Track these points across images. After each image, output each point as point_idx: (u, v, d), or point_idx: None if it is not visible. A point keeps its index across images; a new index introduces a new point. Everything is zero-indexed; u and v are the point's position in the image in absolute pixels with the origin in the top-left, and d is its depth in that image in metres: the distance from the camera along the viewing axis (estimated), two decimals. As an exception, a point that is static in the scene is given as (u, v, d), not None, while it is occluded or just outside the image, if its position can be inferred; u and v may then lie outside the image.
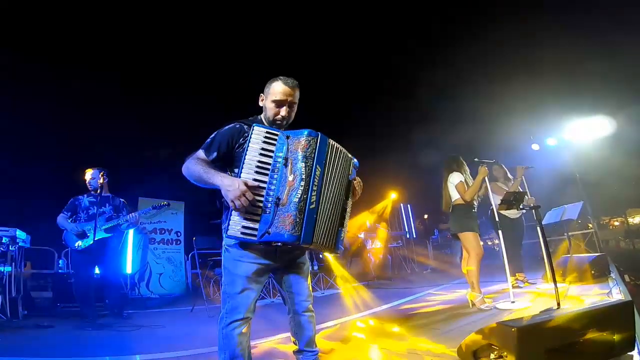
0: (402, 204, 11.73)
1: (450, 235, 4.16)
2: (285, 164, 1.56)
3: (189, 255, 7.06)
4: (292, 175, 1.55)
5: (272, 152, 1.59)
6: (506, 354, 1.60)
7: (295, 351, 1.86)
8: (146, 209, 4.45)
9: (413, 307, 4.04)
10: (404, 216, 11.89)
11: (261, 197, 1.55)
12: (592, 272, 4.16)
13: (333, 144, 1.68)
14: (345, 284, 6.33)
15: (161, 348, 2.81)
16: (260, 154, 1.58)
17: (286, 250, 1.74)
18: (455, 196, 3.79)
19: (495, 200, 3.96)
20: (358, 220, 8.23)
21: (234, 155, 1.72)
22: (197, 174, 1.64)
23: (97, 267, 4.24)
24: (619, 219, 13.21)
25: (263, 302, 5.01)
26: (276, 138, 1.60)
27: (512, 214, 4.61)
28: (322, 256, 6.64)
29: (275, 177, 1.56)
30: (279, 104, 1.78)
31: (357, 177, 1.86)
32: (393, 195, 10.45)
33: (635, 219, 12.53)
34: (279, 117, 1.78)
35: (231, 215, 1.54)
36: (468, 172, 3.94)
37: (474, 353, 1.79)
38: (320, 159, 1.60)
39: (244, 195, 1.48)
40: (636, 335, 1.83)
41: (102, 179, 4.11)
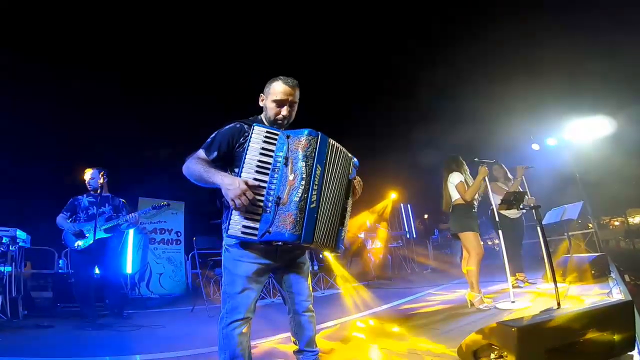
0: (402, 204, 11.73)
1: (451, 235, 4.16)
2: (286, 164, 1.56)
3: (189, 255, 7.05)
4: (293, 174, 1.54)
5: (272, 151, 1.58)
6: (506, 353, 1.60)
7: (296, 351, 1.86)
8: (146, 209, 4.44)
9: (413, 307, 4.04)
10: (404, 216, 11.89)
11: (261, 196, 1.54)
12: (592, 272, 4.16)
13: (333, 144, 1.68)
14: (345, 283, 6.33)
15: (161, 348, 2.81)
16: (261, 153, 1.57)
17: (286, 250, 1.74)
18: (455, 196, 3.79)
19: (495, 200, 3.95)
20: (358, 220, 8.22)
21: (234, 155, 1.72)
22: (197, 173, 1.64)
23: (97, 267, 4.24)
24: (619, 219, 13.22)
25: (263, 302, 5.00)
26: (276, 138, 1.59)
27: (512, 213, 4.61)
28: (322, 256, 6.64)
29: (275, 176, 1.56)
30: (280, 103, 1.78)
31: (357, 177, 1.86)
32: (393, 195, 10.44)
33: (636, 218, 12.54)
34: (280, 116, 1.79)
35: (231, 214, 1.53)
36: (467, 172, 3.94)
37: (474, 353, 1.79)
38: (320, 159, 1.60)
39: (244, 194, 1.48)
40: (636, 335, 1.83)
41: (102, 179, 4.10)
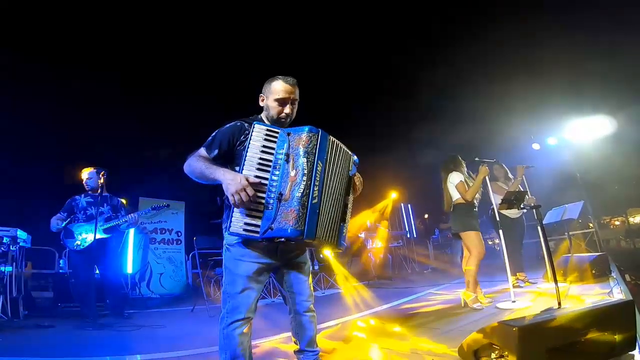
0: (402, 204, 11.73)
1: (451, 234, 4.16)
2: (287, 160, 1.56)
3: (190, 255, 7.05)
4: (294, 170, 1.54)
5: (273, 149, 1.59)
6: (507, 353, 1.60)
7: (296, 351, 1.86)
8: (146, 209, 4.43)
9: (414, 307, 4.04)
10: (404, 216, 11.89)
11: (263, 193, 1.55)
12: (593, 272, 4.16)
13: (333, 141, 1.69)
14: (345, 283, 6.33)
15: (162, 348, 2.81)
16: (262, 151, 1.58)
17: (287, 249, 1.74)
18: (455, 196, 3.79)
19: (495, 199, 3.95)
20: (359, 219, 8.22)
21: (235, 153, 1.73)
22: (199, 170, 1.65)
23: (96, 268, 4.23)
24: (619, 219, 13.21)
25: (264, 301, 5.01)
26: (277, 135, 1.60)
27: (512, 213, 4.61)
28: (322, 256, 6.65)
29: (276, 173, 1.56)
30: (282, 102, 1.79)
31: (357, 173, 1.87)
32: (393, 195, 10.44)
33: (636, 218, 12.53)
34: (283, 115, 1.80)
35: (233, 212, 1.53)
36: (465, 171, 3.94)
37: (475, 352, 1.79)
38: (321, 155, 1.60)
39: (244, 190, 1.48)
40: (637, 335, 1.83)
41: (103, 179, 4.08)
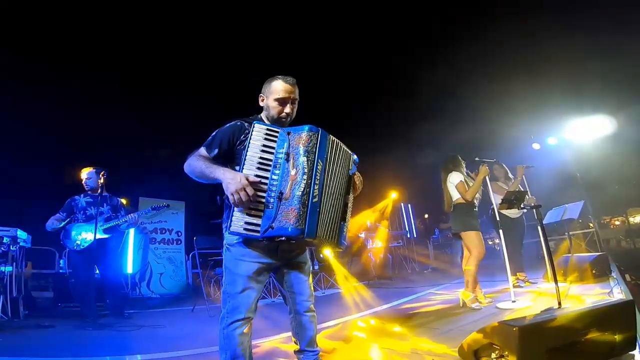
0: (402, 204, 11.73)
1: (452, 234, 4.15)
2: (287, 159, 1.56)
3: (190, 255, 7.06)
4: (295, 169, 1.54)
5: (273, 148, 1.59)
6: (507, 353, 1.60)
7: (297, 351, 1.86)
8: (146, 209, 4.42)
9: (414, 307, 4.03)
10: (404, 216, 11.89)
11: (263, 192, 1.55)
12: (593, 272, 4.15)
13: (333, 140, 1.69)
14: (346, 283, 6.33)
15: (162, 348, 2.81)
16: (262, 150, 1.58)
17: (287, 249, 1.74)
18: (455, 196, 3.79)
19: (496, 199, 3.95)
20: (359, 219, 8.22)
21: (235, 153, 1.73)
22: (199, 169, 1.65)
23: (96, 268, 4.23)
24: (619, 218, 13.20)
25: (264, 301, 5.00)
26: (277, 135, 1.61)
27: (512, 213, 4.61)
28: (322, 256, 6.65)
29: (277, 172, 1.56)
30: (283, 101, 1.80)
31: (357, 172, 1.87)
32: (393, 195, 10.44)
33: (636, 218, 12.53)
34: (283, 114, 1.80)
35: (233, 211, 1.53)
36: (464, 171, 3.93)
37: (475, 352, 1.79)
38: (321, 154, 1.60)
39: (244, 190, 1.48)
40: (637, 335, 1.82)
41: (103, 179, 4.07)
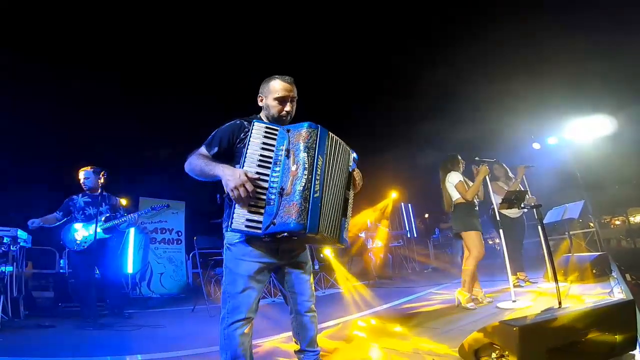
0: (402, 203, 11.73)
1: (452, 234, 4.15)
2: (288, 155, 1.57)
3: (190, 255, 7.06)
4: (295, 165, 1.55)
5: (273, 146, 1.60)
6: (507, 353, 1.60)
7: (297, 351, 1.86)
8: (145, 209, 4.41)
9: (414, 307, 4.03)
10: (404, 215, 11.89)
11: (264, 189, 1.55)
12: (594, 271, 4.16)
13: (332, 136, 1.70)
14: (346, 283, 6.33)
15: (162, 348, 2.81)
16: (262, 148, 1.59)
17: (288, 248, 1.74)
18: (455, 196, 3.78)
19: (496, 199, 3.95)
20: (359, 219, 8.22)
21: (235, 151, 1.74)
22: (198, 168, 1.66)
23: (96, 268, 4.23)
24: (620, 218, 13.18)
25: (265, 301, 5.00)
26: (276, 133, 1.61)
27: (513, 213, 4.61)
28: (323, 255, 6.65)
29: (277, 169, 1.57)
30: (282, 100, 1.81)
31: (357, 169, 1.88)
32: (394, 195, 10.45)
33: (637, 217, 12.51)
34: (283, 112, 1.82)
35: (234, 208, 1.53)
36: (461, 170, 3.92)
37: (476, 352, 1.79)
38: (321, 150, 1.61)
39: (243, 186, 1.49)
40: (638, 335, 1.82)
41: (103, 179, 4.06)
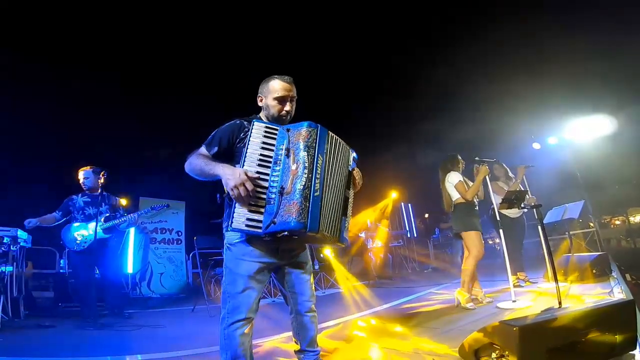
0: (402, 203, 11.73)
1: (452, 234, 4.15)
2: (288, 155, 1.57)
3: (190, 255, 7.06)
4: (295, 164, 1.55)
5: (273, 145, 1.60)
6: (508, 353, 1.60)
7: (297, 351, 1.86)
8: (145, 209, 4.41)
9: (414, 307, 4.03)
10: (404, 215, 11.89)
11: (264, 189, 1.55)
12: (594, 271, 4.15)
13: (332, 135, 1.71)
14: (346, 283, 6.33)
15: (162, 348, 2.81)
16: (262, 147, 1.59)
17: (288, 248, 1.74)
18: (455, 196, 3.78)
19: (496, 199, 3.95)
20: (359, 219, 8.22)
21: (235, 151, 1.74)
22: (198, 167, 1.67)
23: (96, 268, 4.22)
24: (620, 218, 13.18)
25: (265, 301, 5.00)
26: (276, 132, 1.62)
27: (513, 213, 4.61)
28: (322, 255, 6.65)
29: (277, 168, 1.57)
30: (282, 100, 1.82)
31: (357, 168, 1.88)
32: (394, 195, 10.45)
33: (637, 217, 12.51)
34: (283, 112, 1.82)
35: (235, 207, 1.53)
36: (461, 170, 3.92)
37: (476, 352, 1.79)
38: (321, 149, 1.62)
39: (243, 185, 1.49)
40: (638, 335, 1.82)
41: (103, 179, 4.05)
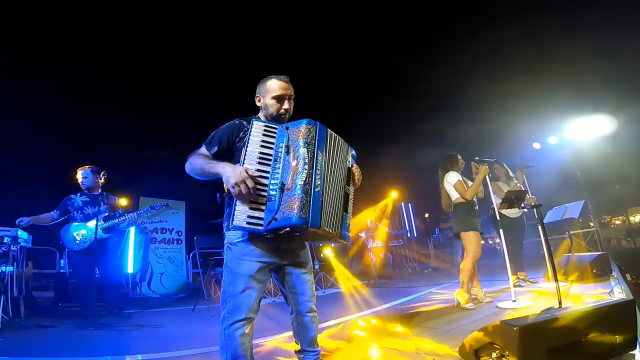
0: (402, 203, 11.74)
1: (452, 234, 4.15)
2: (287, 152, 1.58)
3: (190, 255, 7.06)
4: (295, 160, 1.56)
5: (272, 143, 1.61)
6: (508, 353, 1.60)
7: (297, 351, 1.86)
8: (145, 209, 4.41)
9: (414, 306, 4.03)
10: (404, 215, 11.89)
11: (264, 186, 1.56)
12: (594, 271, 4.16)
13: (331, 133, 1.71)
14: (346, 282, 6.33)
15: (162, 348, 2.81)
16: (262, 145, 1.60)
17: (288, 248, 1.74)
18: (455, 195, 3.78)
19: (496, 199, 3.95)
20: (359, 219, 8.21)
21: (235, 150, 1.75)
22: (199, 167, 1.67)
23: (96, 268, 4.22)
24: (620, 218, 13.19)
25: (265, 300, 5.00)
26: (275, 130, 1.63)
27: (513, 213, 4.61)
28: (323, 255, 6.65)
29: (277, 166, 1.57)
30: (280, 98, 1.83)
31: (356, 165, 1.88)
32: (394, 194, 10.45)
33: (637, 217, 12.52)
34: (282, 111, 1.83)
35: (236, 206, 1.53)
36: (461, 170, 3.92)
37: (476, 352, 1.79)
38: (320, 145, 1.62)
39: (244, 182, 1.49)
40: (638, 335, 1.82)
41: (103, 178, 4.05)
